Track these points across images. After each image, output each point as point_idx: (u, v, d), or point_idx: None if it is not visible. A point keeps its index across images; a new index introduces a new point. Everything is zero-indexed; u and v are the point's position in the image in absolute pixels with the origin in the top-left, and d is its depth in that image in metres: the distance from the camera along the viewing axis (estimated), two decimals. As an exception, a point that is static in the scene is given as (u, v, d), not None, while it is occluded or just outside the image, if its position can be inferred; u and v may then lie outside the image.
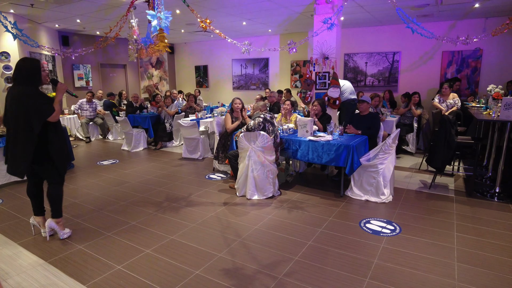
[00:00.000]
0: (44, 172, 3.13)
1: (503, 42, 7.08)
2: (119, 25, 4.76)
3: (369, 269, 2.70)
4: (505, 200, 4.15)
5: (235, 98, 5.33)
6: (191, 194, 4.53)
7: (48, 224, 3.25)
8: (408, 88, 7.86)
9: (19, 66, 2.92)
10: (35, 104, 2.86)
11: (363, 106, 4.86)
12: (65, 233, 3.31)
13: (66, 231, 3.33)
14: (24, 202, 4.28)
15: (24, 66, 2.92)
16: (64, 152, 3.16)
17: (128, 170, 5.82)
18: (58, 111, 3.01)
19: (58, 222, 3.27)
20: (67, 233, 3.32)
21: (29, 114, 2.84)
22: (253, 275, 2.65)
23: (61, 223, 3.30)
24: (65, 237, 3.28)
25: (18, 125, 2.87)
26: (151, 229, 3.48)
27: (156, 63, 11.79)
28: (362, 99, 4.88)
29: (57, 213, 3.25)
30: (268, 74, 10.35)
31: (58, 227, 3.27)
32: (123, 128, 7.51)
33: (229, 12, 6.76)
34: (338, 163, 4.22)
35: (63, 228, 3.32)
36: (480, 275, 2.61)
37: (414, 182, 4.97)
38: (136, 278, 2.62)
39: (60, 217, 3.28)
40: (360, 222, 3.61)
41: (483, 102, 6.42)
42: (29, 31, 7.05)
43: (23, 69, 2.91)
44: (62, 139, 3.10)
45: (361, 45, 8.57)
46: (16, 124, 2.88)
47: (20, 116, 2.85)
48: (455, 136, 4.48)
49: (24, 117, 2.84)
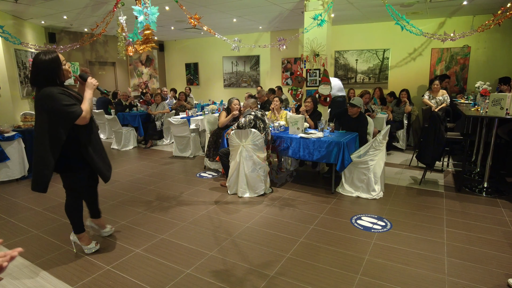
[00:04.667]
0: (65, 181, 2.78)
1: (491, 39, 7.17)
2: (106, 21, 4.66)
3: (360, 265, 2.71)
4: (493, 195, 4.22)
5: (234, 99, 5.11)
6: (182, 193, 4.49)
7: (72, 238, 2.96)
8: (398, 85, 7.92)
9: (36, 63, 2.49)
10: (58, 107, 2.44)
11: (354, 110, 4.80)
12: (90, 248, 2.94)
13: (91, 246, 2.95)
14: (10, 203, 4.19)
15: (41, 63, 2.48)
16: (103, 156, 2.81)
17: (118, 169, 5.74)
18: (87, 111, 2.58)
19: (80, 238, 2.93)
20: (93, 248, 2.96)
21: (53, 120, 2.44)
22: (244, 273, 2.63)
23: (83, 238, 2.94)
24: (92, 252, 2.96)
25: (43, 134, 2.47)
26: (141, 229, 3.44)
27: (146, 61, 11.64)
28: (354, 104, 4.75)
29: (76, 228, 2.90)
30: (259, 72, 10.31)
31: (80, 242, 2.93)
32: (112, 127, 7.41)
33: (219, 9, 6.70)
34: (329, 160, 4.22)
35: (87, 243, 2.95)
36: (469, 269, 2.64)
37: (404, 178, 5.01)
38: (125, 278, 2.58)
39: (81, 232, 2.93)
40: (351, 218, 3.62)
41: (471, 99, 6.51)
42: (14, 28, 6.88)
43: (40, 65, 2.48)
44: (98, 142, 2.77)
45: (351, 42, 8.59)
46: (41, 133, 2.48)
47: (44, 123, 2.46)
48: (444, 133, 4.52)
49: (49, 124, 2.44)
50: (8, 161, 4.87)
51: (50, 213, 3.86)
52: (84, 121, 2.56)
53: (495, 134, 4.26)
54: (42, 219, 3.71)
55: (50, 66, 2.50)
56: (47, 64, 2.49)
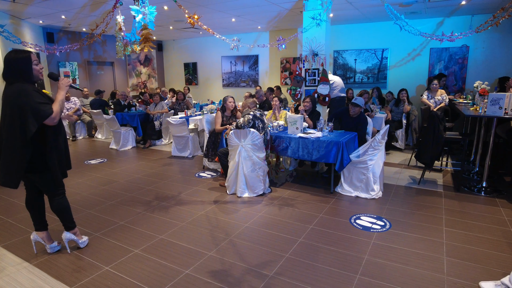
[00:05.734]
0: (42, 184, 2.75)
1: (489, 39, 7.18)
2: (106, 22, 4.65)
3: (359, 265, 2.71)
4: (492, 195, 4.22)
5: (228, 97, 5.16)
6: (181, 193, 4.48)
7: (65, 237, 2.96)
8: (397, 85, 7.92)
9: (7, 60, 2.52)
10: (31, 103, 2.45)
11: (356, 110, 4.80)
12: (84, 241, 3.08)
13: (84, 239, 3.10)
14: (8, 203, 4.17)
15: (13, 60, 2.52)
16: (63, 161, 2.79)
17: (117, 169, 5.72)
18: (57, 112, 2.56)
19: (75, 233, 3.01)
20: (85, 241, 3.10)
21: (25, 115, 2.45)
22: (243, 273, 2.62)
23: (78, 233, 3.05)
24: (85, 245, 3.08)
25: (14, 128, 2.47)
26: (139, 229, 3.43)
27: (145, 61, 11.63)
28: (357, 103, 4.75)
29: (70, 224, 2.98)
30: (258, 71, 10.30)
31: (76, 237, 3.02)
32: (111, 127, 7.39)
33: (218, 9, 6.69)
34: (328, 160, 4.22)
35: (81, 237, 3.07)
36: (468, 269, 2.64)
37: (403, 177, 5.01)
38: (124, 279, 2.57)
39: (74, 228, 3.01)
40: (351, 218, 3.62)
41: (470, 98, 6.51)
42: (12, 28, 6.86)
43: (13, 63, 2.52)
44: (63, 146, 2.75)
45: (350, 42, 8.59)
46: (12, 127, 2.48)
47: (16, 118, 2.45)
48: (443, 132, 4.53)
49: (20, 119, 2.45)
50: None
51: (48, 214, 3.83)
52: (53, 122, 2.54)
53: (493, 133, 4.27)
54: (40, 219, 3.69)
55: (22, 64, 2.52)
56: (19, 62, 2.52)
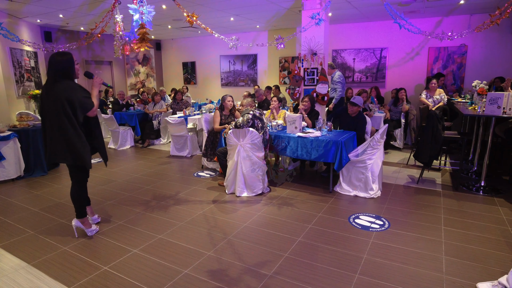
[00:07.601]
0: (72, 170, 3.13)
1: (487, 39, 7.19)
2: (105, 21, 4.63)
3: (358, 264, 2.71)
4: (490, 194, 4.23)
5: (227, 96, 5.13)
6: (179, 192, 4.47)
7: (74, 223, 3.25)
8: (396, 84, 7.93)
9: (53, 61, 2.89)
10: (78, 97, 2.89)
11: (354, 109, 4.80)
12: (92, 230, 3.30)
13: (93, 228, 3.32)
14: (6, 203, 4.16)
15: (58, 62, 2.89)
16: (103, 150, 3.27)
17: (115, 168, 5.71)
18: (97, 105, 3.05)
19: (83, 222, 3.25)
20: (95, 230, 3.32)
21: (74, 107, 2.87)
22: (242, 273, 2.62)
23: (86, 222, 3.28)
24: (94, 234, 3.29)
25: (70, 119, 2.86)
26: (138, 229, 3.42)
27: (143, 60, 11.59)
28: (355, 102, 4.75)
29: (81, 213, 3.24)
30: (256, 71, 10.29)
31: (84, 226, 3.26)
32: (109, 126, 7.37)
33: (217, 7, 6.68)
34: (327, 159, 4.22)
35: (90, 226, 3.30)
36: (467, 268, 2.65)
37: (402, 177, 5.02)
38: (123, 279, 2.57)
39: (84, 217, 3.27)
40: (349, 217, 3.62)
41: (468, 98, 6.52)
42: (9, 27, 6.82)
43: (58, 64, 2.89)
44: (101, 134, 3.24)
45: (349, 41, 8.59)
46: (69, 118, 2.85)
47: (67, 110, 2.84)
48: (441, 131, 4.53)
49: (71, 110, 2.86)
50: (4, 161, 4.83)
51: (47, 214, 3.83)
52: (93, 114, 3.02)
53: (492, 132, 4.27)
54: (39, 219, 3.68)
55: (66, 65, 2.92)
56: (64, 63, 2.92)
